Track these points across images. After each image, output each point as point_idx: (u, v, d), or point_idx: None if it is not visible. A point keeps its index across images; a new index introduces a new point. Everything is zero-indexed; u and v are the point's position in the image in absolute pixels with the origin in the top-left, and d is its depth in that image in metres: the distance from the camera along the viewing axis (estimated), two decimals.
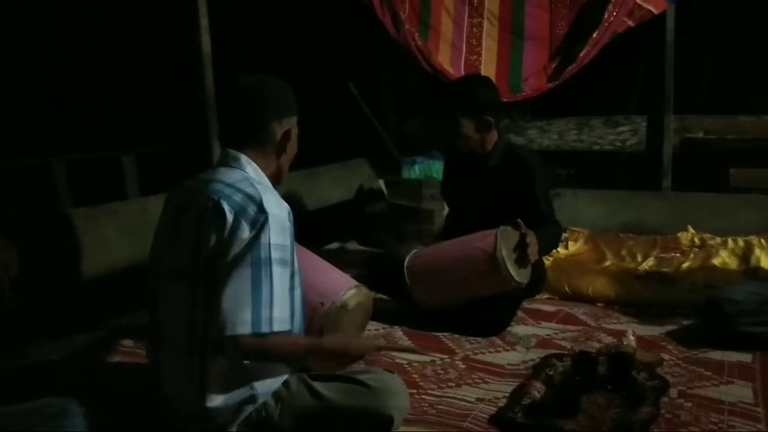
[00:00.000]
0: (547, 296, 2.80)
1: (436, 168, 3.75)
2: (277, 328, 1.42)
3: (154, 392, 1.58)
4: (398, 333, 2.39)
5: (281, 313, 1.44)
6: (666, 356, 2.10)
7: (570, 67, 3.61)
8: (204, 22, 2.92)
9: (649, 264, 3.05)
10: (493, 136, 2.59)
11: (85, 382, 2.01)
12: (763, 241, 3.07)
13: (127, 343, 2.29)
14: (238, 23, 4.97)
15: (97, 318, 2.55)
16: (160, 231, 1.62)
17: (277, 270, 1.43)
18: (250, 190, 1.48)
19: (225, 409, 1.47)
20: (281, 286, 1.45)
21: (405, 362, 2.12)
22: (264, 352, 1.43)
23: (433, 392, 1.90)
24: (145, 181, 4.58)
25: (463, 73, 3.79)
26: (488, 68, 3.82)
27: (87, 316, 2.52)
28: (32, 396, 1.50)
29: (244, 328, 1.39)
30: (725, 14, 4.84)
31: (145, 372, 1.73)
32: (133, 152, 4.66)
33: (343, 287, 2.12)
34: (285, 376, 1.56)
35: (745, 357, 2.09)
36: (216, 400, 1.45)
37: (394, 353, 2.15)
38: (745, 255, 3.03)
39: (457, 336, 2.35)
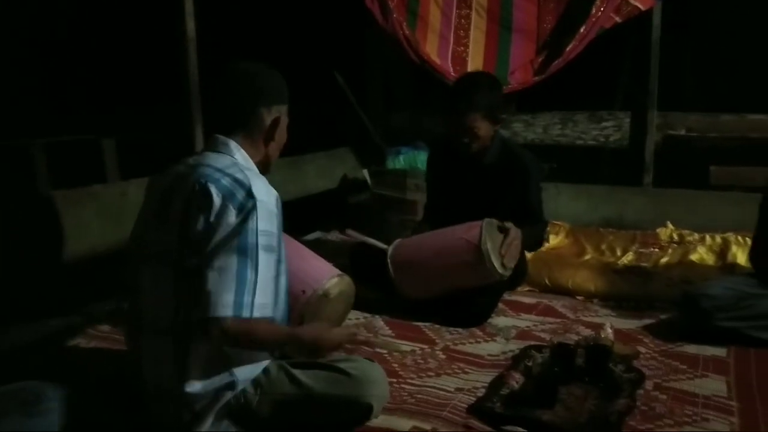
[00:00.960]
0: (527, 288, 2.82)
1: (421, 159, 3.74)
2: (257, 313, 1.42)
3: (133, 377, 1.56)
4: (379, 322, 2.39)
5: (263, 299, 1.44)
6: (642, 349, 2.13)
7: (556, 62, 3.62)
8: (189, 6, 2.88)
9: (628, 258, 3.09)
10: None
11: (61, 366, 1.99)
12: (740, 237, 3.12)
13: (105, 328, 2.27)
14: (224, 8, 4.91)
15: (74, 302, 2.52)
16: (144, 215, 1.60)
17: (263, 256, 1.43)
18: (239, 175, 1.47)
19: (204, 395, 1.46)
20: (266, 272, 1.45)
21: (385, 352, 2.12)
22: (245, 336, 1.43)
23: (413, 382, 1.91)
24: (124, 165, 4.53)
25: (450, 64, 3.78)
26: (475, 60, 3.82)
27: (64, 301, 2.49)
28: (7, 381, 1.48)
29: (226, 310, 1.39)
30: (711, 13, 4.89)
31: (123, 357, 1.72)
32: (114, 136, 4.60)
33: (326, 275, 2.11)
34: (265, 363, 1.55)
35: (720, 351, 2.12)
36: (195, 386, 1.45)
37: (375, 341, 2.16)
38: (722, 251, 3.08)
39: (437, 326, 2.36)
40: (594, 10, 3.53)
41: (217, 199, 1.43)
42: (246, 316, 1.40)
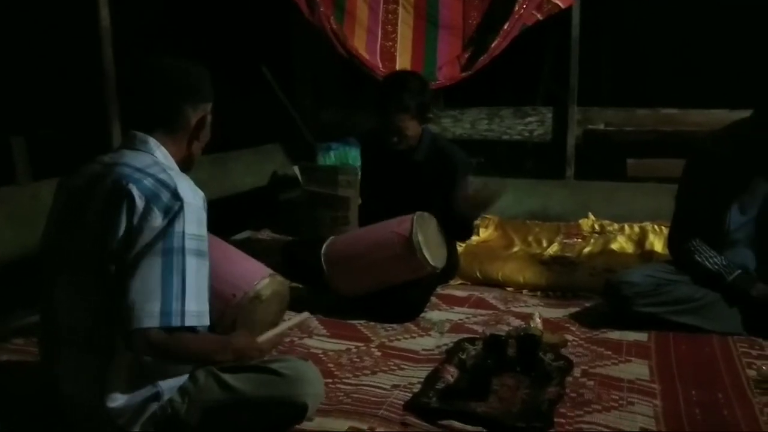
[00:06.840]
0: (459, 282, 2.86)
1: (352, 155, 3.72)
2: (189, 322, 1.34)
3: (50, 393, 1.46)
4: (314, 322, 2.35)
5: (197, 306, 1.36)
6: (570, 337, 2.20)
7: (482, 58, 3.69)
8: None
9: (553, 249, 3.19)
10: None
11: None
12: (656, 227, 3.29)
13: (18, 341, 2.12)
14: None
15: None
16: (54, 218, 1.49)
17: (191, 261, 1.35)
18: (162, 175, 1.39)
19: (127, 409, 1.38)
20: (196, 278, 1.36)
21: (320, 351, 2.10)
22: (173, 348, 1.35)
23: (349, 381, 1.89)
24: (37, 165, 4.25)
25: (378, 59, 3.77)
26: (404, 56, 3.83)
27: None
28: None
29: (152, 321, 1.30)
30: (626, 11, 5.12)
31: (38, 371, 1.60)
32: (24, 134, 4.31)
33: (257, 277, 2.06)
34: (189, 369, 1.48)
35: (642, 336, 2.22)
36: (117, 400, 1.37)
37: (310, 341, 2.13)
38: (641, 240, 3.24)
39: (372, 323, 2.35)
40: (517, 8, 3.63)
41: (139, 202, 1.34)
42: (175, 325, 1.32)
